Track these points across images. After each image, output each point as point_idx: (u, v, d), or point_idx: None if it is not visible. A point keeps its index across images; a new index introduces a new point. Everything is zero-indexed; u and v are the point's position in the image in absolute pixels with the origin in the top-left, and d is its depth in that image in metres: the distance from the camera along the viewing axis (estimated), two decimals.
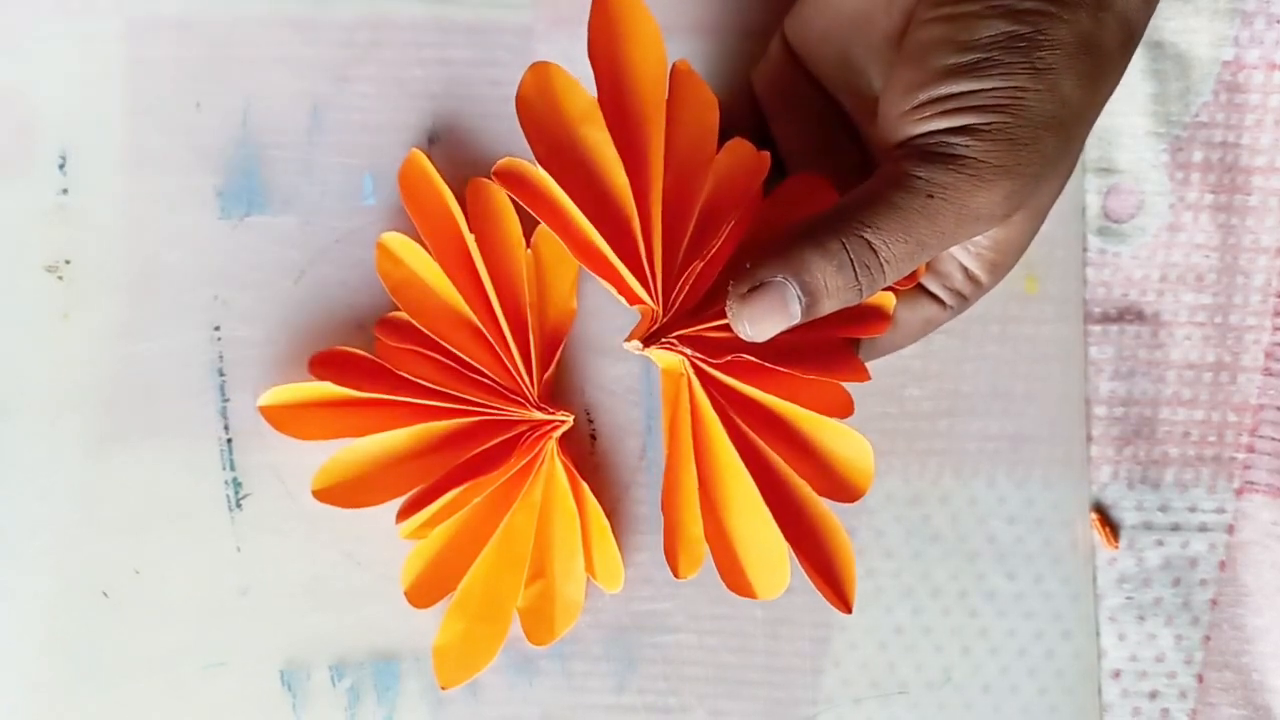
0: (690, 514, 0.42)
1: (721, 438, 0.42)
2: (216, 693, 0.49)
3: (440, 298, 0.49)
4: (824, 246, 0.37)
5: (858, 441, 0.43)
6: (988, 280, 0.43)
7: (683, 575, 0.43)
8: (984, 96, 0.36)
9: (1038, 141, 0.37)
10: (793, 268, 0.38)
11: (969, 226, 0.38)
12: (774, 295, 0.38)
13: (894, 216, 0.37)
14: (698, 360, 0.41)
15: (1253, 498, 0.52)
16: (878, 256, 0.37)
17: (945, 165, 0.37)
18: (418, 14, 0.50)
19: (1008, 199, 0.37)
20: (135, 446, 0.49)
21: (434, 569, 0.48)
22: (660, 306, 0.41)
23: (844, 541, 0.44)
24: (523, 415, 0.48)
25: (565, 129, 0.43)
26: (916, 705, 0.51)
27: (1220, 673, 0.52)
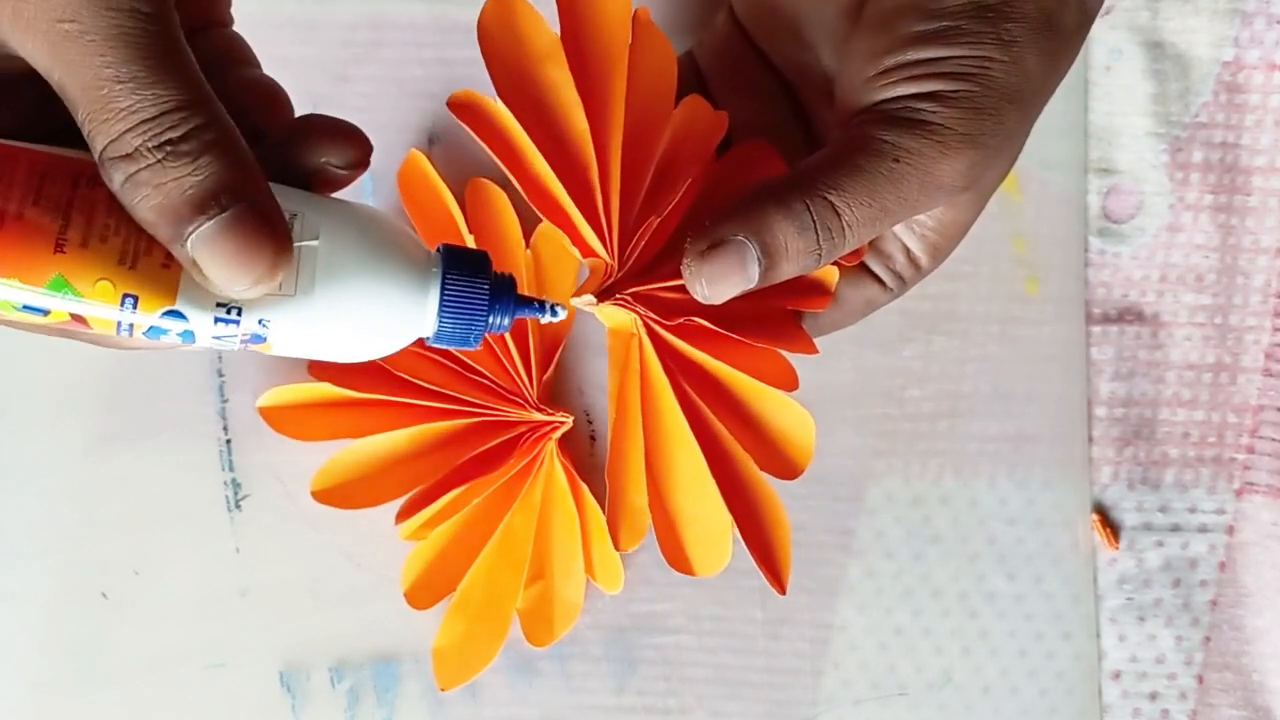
0: (635, 482, 0.40)
1: (671, 404, 0.40)
2: (216, 693, 0.49)
3: None
4: (788, 207, 0.36)
5: (801, 415, 0.41)
6: (928, 263, 0.42)
7: (623, 547, 0.40)
8: (952, 64, 0.36)
9: (1001, 113, 0.36)
10: (754, 227, 0.37)
11: (930, 195, 0.37)
12: (734, 254, 0.37)
13: (859, 179, 0.36)
14: (650, 320, 0.39)
15: (1253, 498, 0.52)
16: (840, 219, 0.37)
17: (912, 130, 0.36)
18: (418, 14, 0.50)
19: (970, 169, 0.37)
20: (135, 446, 0.49)
21: (434, 570, 0.48)
22: (615, 261, 0.39)
23: (783, 520, 0.42)
24: (522, 416, 0.48)
25: (526, 64, 0.40)
26: (917, 706, 0.51)
27: (1220, 674, 0.52)
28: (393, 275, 0.32)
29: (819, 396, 0.50)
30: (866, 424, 0.51)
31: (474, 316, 0.33)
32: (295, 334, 0.32)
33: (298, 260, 0.31)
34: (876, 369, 0.50)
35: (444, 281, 0.33)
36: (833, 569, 0.51)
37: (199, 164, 0.30)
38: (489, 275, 0.33)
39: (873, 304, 0.43)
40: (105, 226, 0.30)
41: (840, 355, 0.50)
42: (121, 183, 0.30)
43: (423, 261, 0.33)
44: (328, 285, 0.31)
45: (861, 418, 0.50)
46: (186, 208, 0.30)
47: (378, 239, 0.32)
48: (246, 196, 0.30)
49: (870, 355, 0.51)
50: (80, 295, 0.30)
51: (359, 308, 0.32)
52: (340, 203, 0.33)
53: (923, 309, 0.51)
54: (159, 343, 0.32)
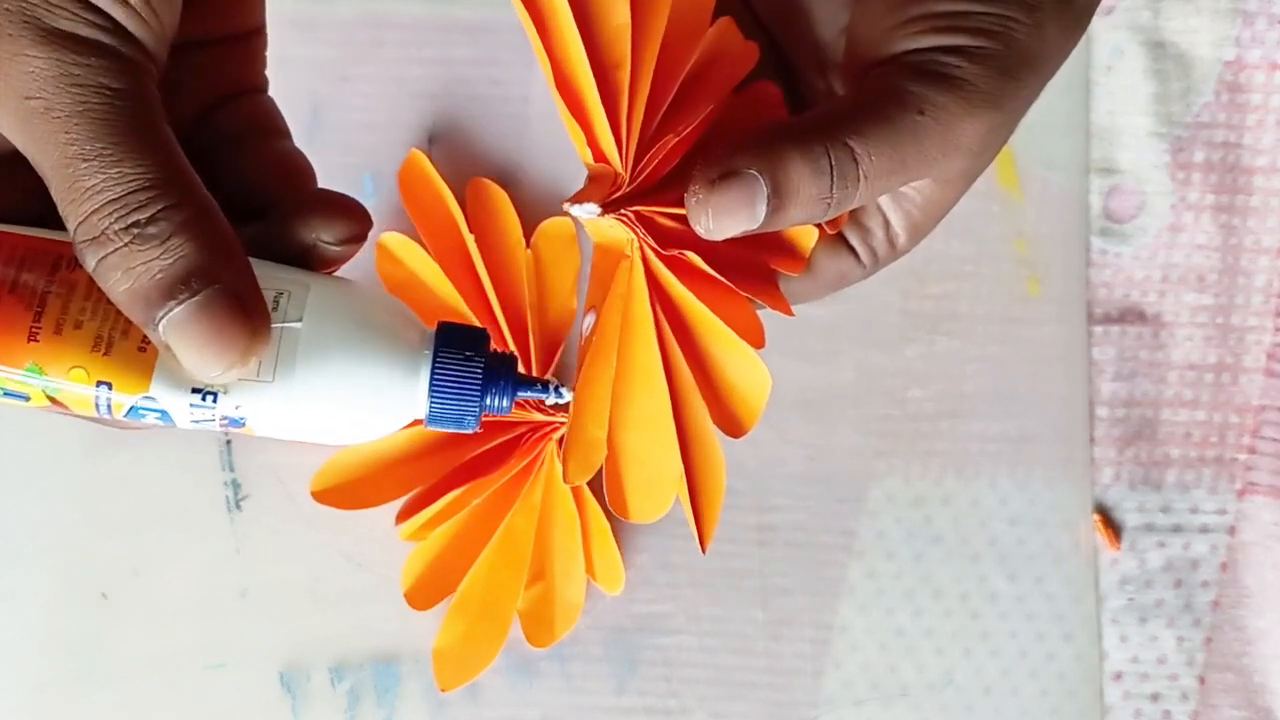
0: (598, 413, 0.37)
1: (648, 337, 0.37)
2: (216, 694, 0.49)
3: (440, 298, 0.48)
4: (807, 147, 0.34)
5: (760, 374, 0.38)
6: (905, 241, 0.41)
7: (572, 479, 0.37)
8: (977, 20, 0.35)
9: (1020, 77, 0.35)
10: (769, 163, 0.34)
11: (948, 155, 0.36)
12: (744, 188, 0.35)
13: (883, 128, 0.35)
14: (647, 245, 0.36)
15: (1254, 499, 0.52)
16: (858, 168, 0.35)
17: (938, 84, 0.35)
18: (418, 13, 0.50)
19: (989, 133, 0.36)
20: (135, 447, 0.49)
21: (434, 571, 0.48)
22: (627, 172, 0.36)
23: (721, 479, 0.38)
24: (522, 417, 0.48)
25: None
26: (918, 707, 0.51)
27: (1222, 674, 0.52)
28: (380, 357, 0.31)
29: (820, 396, 0.50)
30: (868, 424, 0.51)
31: (467, 399, 0.32)
32: (274, 419, 0.31)
33: (278, 343, 0.31)
34: (878, 369, 0.50)
35: (435, 363, 0.32)
36: (834, 569, 0.51)
37: (168, 246, 0.29)
38: (484, 355, 0.32)
39: (845, 278, 0.42)
40: (81, 311, 0.30)
41: (842, 355, 0.50)
42: (94, 266, 0.29)
43: (415, 341, 0.32)
44: (309, 369, 0.31)
45: (863, 418, 0.50)
46: (155, 292, 0.29)
47: (368, 319, 0.32)
48: (220, 279, 0.30)
49: (872, 355, 0.51)
50: (55, 381, 0.30)
51: (342, 392, 0.31)
52: (336, 281, 0.32)
53: (924, 309, 0.51)
54: (141, 424, 0.32)
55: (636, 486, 0.38)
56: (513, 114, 0.50)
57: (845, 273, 0.41)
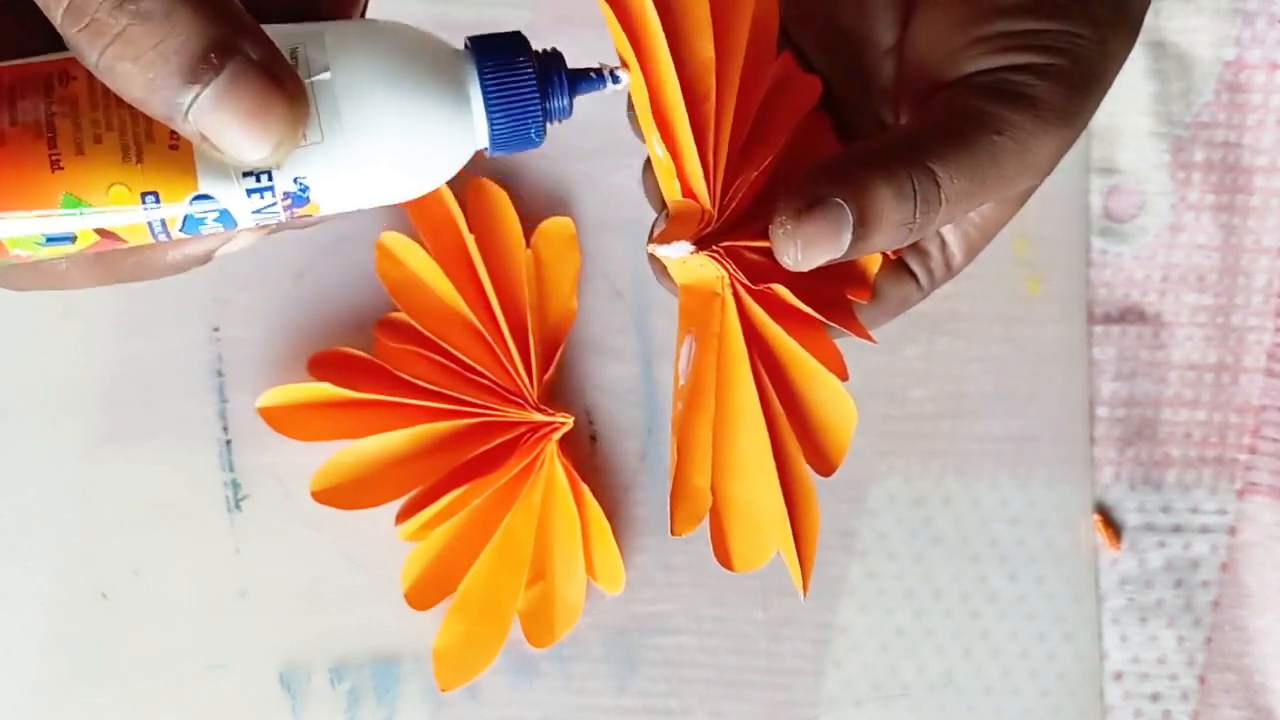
0: (701, 460, 0.35)
1: (745, 378, 0.36)
2: (216, 694, 0.49)
3: (440, 298, 0.48)
4: (890, 173, 0.34)
5: (847, 407, 0.37)
6: (961, 260, 0.40)
7: (680, 531, 0.35)
8: (1046, 37, 0.35)
9: (1089, 92, 0.35)
10: (854, 190, 0.34)
11: (1023, 175, 0.36)
12: (830, 217, 0.34)
13: (963, 150, 0.34)
14: (738, 281, 0.35)
15: (1254, 499, 0.52)
16: (940, 191, 0.34)
17: (1014, 103, 0.34)
18: (418, 13, 0.50)
19: (1061, 149, 0.36)
20: (135, 447, 0.49)
21: (434, 571, 0.48)
22: (715, 208, 0.35)
23: (816, 519, 0.37)
24: (522, 417, 0.48)
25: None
26: (918, 707, 0.50)
27: (1222, 674, 0.52)
28: (425, 86, 0.28)
29: None
30: (868, 424, 0.50)
31: (527, 108, 0.29)
32: (339, 182, 0.28)
33: (314, 100, 0.27)
34: (878, 369, 0.50)
35: (482, 77, 0.29)
36: (835, 570, 0.51)
37: (173, 21, 0.26)
38: (530, 56, 0.29)
39: (907, 302, 0.41)
40: (95, 124, 0.27)
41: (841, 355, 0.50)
42: (96, 62, 0.26)
43: (455, 63, 0.29)
44: (356, 116, 0.28)
45: (863, 418, 0.50)
46: (175, 77, 0.26)
47: (397, 50, 0.29)
48: (240, 48, 0.26)
49: (872, 355, 0.51)
50: (97, 207, 0.27)
51: (399, 132, 0.28)
52: (345, 22, 0.29)
53: (924, 309, 0.51)
54: (204, 240, 0.28)
55: (740, 535, 0.36)
56: None
57: (907, 297, 0.41)
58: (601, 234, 0.50)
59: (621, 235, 0.50)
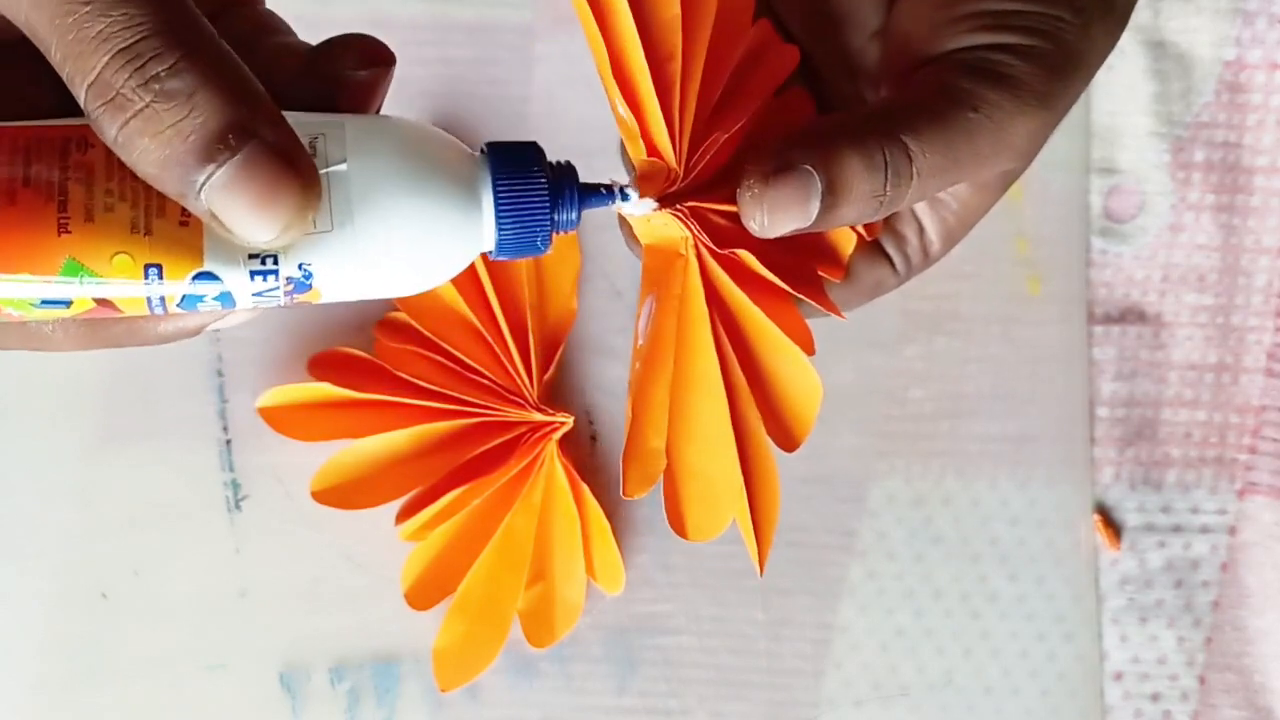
0: (656, 422, 0.35)
1: (705, 341, 0.35)
2: (216, 694, 0.49)
3: (440, 298, 0.48)
4: (861, 143, 0.34)
5: (811, 382, 0.36)
6: (939, 248, 0.40)
7: (631, 493, 0.34)
8: (1028, 19, 0.35)
9: (1068, 77, 0.35)
10: (824, 158, 0.34)
11: (999, 154, 0.36)
12: (799, 183, 0.33)
13: (937, 125, 0.34)
14: (702, 243, 0.35)
15: (1255, 499, 0.52)
16: (912, 165, 0.34)
17: (992, 81, 0.35)
18: (418, 13, 0.50)
19: (1039, 131, 0.36)
20: (135, 447, 0.49)
21: (434, 571, 0.48)
22: (682, 166, 0.35)
23: (775, 493, 0.36)
24: (522, 416, 0.48)
25: None
26: (918, 707, 0.50)
27: (1222, 674, 0.52)
28: (438, 187, 0.29)
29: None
30: (868, 424, 0.51)
31: (536, 218, 0.30)
32: (344, 273, 0.29)
33: (328, 190, 0.28)
34: (878, 369, 0.50)
35: (495, 185, 0.29)
36: (834, 570, 0.51)
37: (195, 101, 0.26)
38: (545, 168, 0.30)
39: (881, 286, 0.41)
40: (108, 193, 0.27)
41: (841, 355, 0.50)
42: (115, 136, 0.26)
43: (469, 167, 0.30)
44: (367, 211, 0.28)
45: (863, 418, 0.50)
46: (191, 156, 0.26)
47: (414, 149, 0.29)
48: (257, 132, 0.27)
49: (872, 355, 0.51)
50: (99, 276, 0.27)
51: (408, 231, 0.28)
52: (366, 117, 0.30)
53: (924, 309, 0.51)
54: (199, 316, 0.29)
55: (695, 503, 0.35)
56: (513, 114, 0.50)
57: (880, 280, 0.41)
58: (601, 234, 0.50)
59: (621, 235, 0.50)
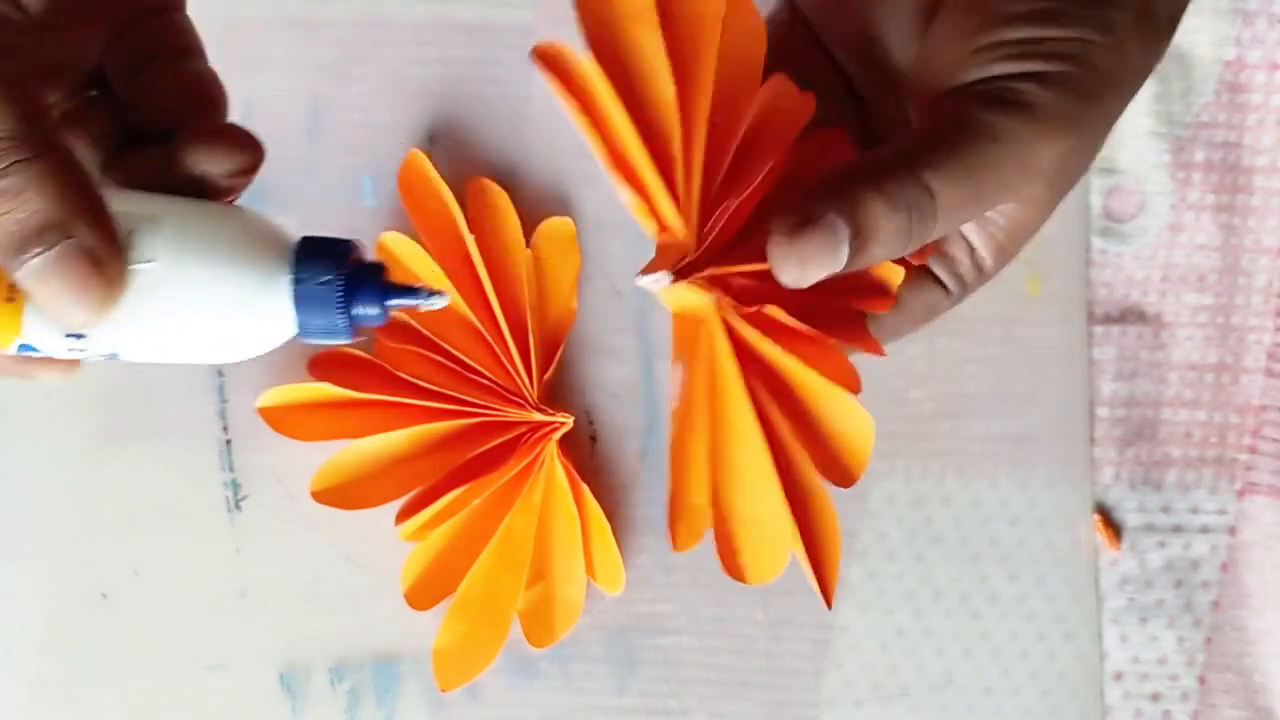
0: (697, 480, 0.37)
1: (739, 398, 0.37)
2: (216, 694, 0.49)
3: None
4: (880, 185, 0.35)
5: (862, 419, 0.38)
6: (992, 264, 0.40)
7: (681, 547, 0.37)
8: (1053, 45, 0.35)
9: (1101, 99, 0.35)
10: (846, 204, 0.34)
11: (1027, 180, 0.36)
12: (825, 232, 0.34)
13: (955, 159, 0.34)
14: (726, 304, 0.36)
15: (1255, 499, 0.52)
16: (934, 200, 0.35)
17: (1012, 110, 0.34)
18: (418, 13, 0.50)
19: (1069, 155, 0.36)
20: (135, 447, 0.49)
21: (434, 571, 0.48)
22: (694, 238, 0.36)
23: (835, 530, 0.38)
24: (522, 416, 0.48)
25: (619, 21, 0.37)
26: (918, 707, 0.50)
27: (1222, 674, 0.52)
28: (244, 280, 0.32)
29: None
30: None
31: (333, 313, 0.33)
32: (144, 351, 0.33)
33: (136, 280, 0.32)
34: (878, 369, 0.50)
35: (296, 281, 0.32)
36: None
37: (21, 200, 0.30)
38: (344, 266, 0.33)
39: (935, 309, 0.42)
40: None
41: None
42: None
43: (276, 263, 0.32)
44: (169, 302, 0.32)
45: None
46: (11, 243, 0.30)
47: (227, 245, 0.32)
48: (73, 233, 0.31)
49: (872, 356, 0.51)
50: None
51: (209, 319, 0.32)
52: (202, 208, 0.33)
53: None
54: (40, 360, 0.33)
55: (750, 548, 0.37)
56: (513, 114, 0.50)
57: (933, 304, 0.41)
58: (601, 234, 0.50)
59: (621, 235, 0.50)
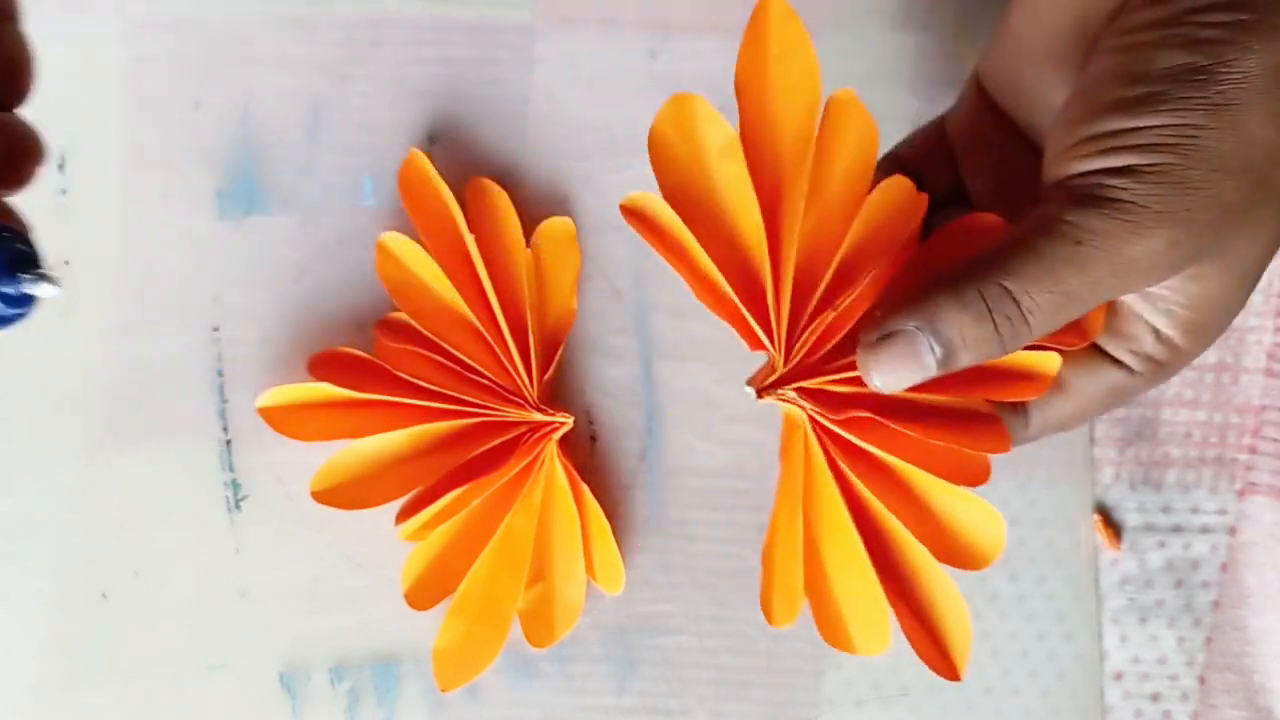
0: (790, 564, 0.42)
1: (831, 494, 0.41)
2: (216, 694, 0.49)
3: (440, 298, 0.48)
4: (960, 295, 0.35)
5: (985, 511, 0.41)
6: (1186, 343, 0.39)
7: (778, 623, 0.42)
8: (1151, 134, 0.33)
9: (1213, 186, 0.33)
10: (925, 316, 0.36)
11: (1130, 278, 0.35)
12: (905, 345, 0.36)
13: (1036, 263, 0.34)
14: (816, 415, 0.40)
15: (1255, 499, 0.52)
16: (1019, 306, 0.35)
17: (1099, 209, 0.34)
18: (418, 13, 0.50)
19: (1172, 248, 0.34)
20: (135, 447, 0.49)
21: (434, 571, 0.48)
22: (782, 355, 0.40)
23: (956, 607, 0.42)
24: (522, 416, 0.48)
25: (700, 163, 0.41)
26: (918, 707, 0.50)
27: (1222, 674, 0.52)
28: None
29: None
30: None
31: None
32: None
33: None
34: None
35: None
36: None
37: None
38: None
39: (1120, 390, 0.41)
40: None
41: None
42: None
43: None
44: None
45: None
46: None
47: None
48: None
49: None
50: None
51: None
52: None
53: None
54: None
55: (854, 622, 0.42)
56: (513, 114, 0.50)
57: (1116, 386, 0.40)
58: (601, 234, 0.50)
59: (621, 235, 0.50)
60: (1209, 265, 0.36)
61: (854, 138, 0.40)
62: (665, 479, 0.50)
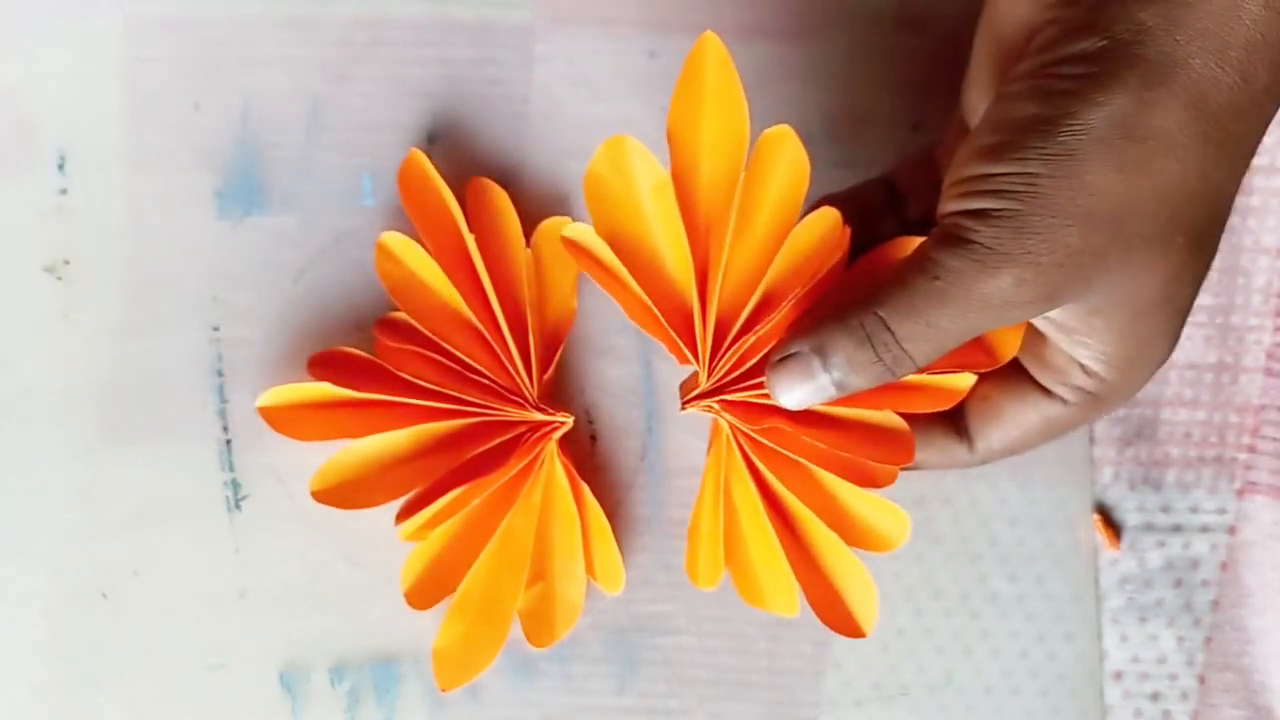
0: (714, 541, 0.46)
1: (747, 486, 0.45)
2: (215, 695, 0.49)
3: (440, 298, 0.48)
4: (844, 322, 0.39)
5: (889, 510, 0.46)
6: (1112, 375, 0.40)
7: (702, 584, 0.47)
8: (1002, 181, 0.35)
9: (1053, 230, 0.35)
10: (816, 341, 0.40)
11: (989, 312, 0.37)
12: (800, 366, 0.40)
13: (903, 296, 0.38)
14: (734, 424, 0.44)
15: (1254, 498, 0.52)
16: (894, 335, 0.38)
17: (954, 248, 0.36)
18: (417, 13, 0.50)
19: (1020, 286, 0.36)
20: (134, 447, 0.49)
21: (434, 570, 0.48)
22: (705, 372, 0.44)
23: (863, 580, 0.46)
24: (522, 416, 0.48)
25: (633, 201, 0.45)
26: (918, 707, 0.51)
27: (1222, 674, 0.52)
28: None
29: None
30: None
31: None
32: None
33: None
34: None
35: None
36: None
37: None
38: None
39: (1056, 421, 0.43)
40: None
41: None
42: None
43: None
44: None
45: None
46: None
47: None
48: None
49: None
50: None
51: None
52: None
53: None
54: None
55: (768, 586, 0.46)
56: (513, 114, 0.50)
57: (1054, 418, 0.43)
58: None
59: None
60: (1098, 301, 0.38)
61: (784, 172, 0.44)
62: (665, 479, 0.50)
